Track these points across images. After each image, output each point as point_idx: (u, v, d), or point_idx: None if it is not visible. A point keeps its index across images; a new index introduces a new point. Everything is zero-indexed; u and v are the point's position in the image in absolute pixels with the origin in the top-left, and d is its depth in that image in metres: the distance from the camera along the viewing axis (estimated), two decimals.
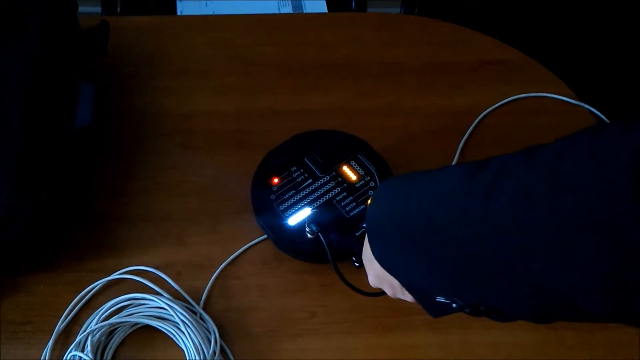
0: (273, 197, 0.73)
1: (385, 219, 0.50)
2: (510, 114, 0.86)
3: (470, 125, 0.83)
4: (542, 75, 0.90)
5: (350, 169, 0.75)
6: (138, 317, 0.67)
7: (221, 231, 0.75)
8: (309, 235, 0.69)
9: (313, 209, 0.72)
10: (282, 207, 0.72)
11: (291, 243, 0.70)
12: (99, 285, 0.70)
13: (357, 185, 0.74)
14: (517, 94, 0.87)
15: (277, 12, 1.18)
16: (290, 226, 0.71)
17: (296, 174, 0.74)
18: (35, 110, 0.70)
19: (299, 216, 0.71)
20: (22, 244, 0.66)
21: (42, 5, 0.77)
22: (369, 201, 0.53)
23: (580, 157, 0.37)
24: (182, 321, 0.66)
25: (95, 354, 0.65)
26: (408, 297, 0.53)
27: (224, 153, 0.81)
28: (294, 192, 0.73)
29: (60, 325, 0.67)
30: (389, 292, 0.56)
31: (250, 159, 0.79)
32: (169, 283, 0.69)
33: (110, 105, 0.84)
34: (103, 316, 0.67)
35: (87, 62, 0.82)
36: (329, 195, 0.73)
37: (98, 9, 1.20)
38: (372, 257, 0.52)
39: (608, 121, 0.84)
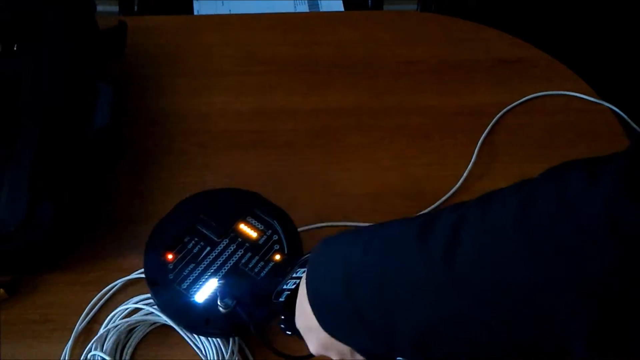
0: (171, 276, 0.65)
1: (330, 291, 0.46)
2: (529, 113, 0.85)
3: (489, 125, 0.83)
4: (561, 73, 0.89)
5: (248, 226, 0.68)
6: (157, 316, 0.67)
7: None
8: (222, 310, 0.63)
9: (220, 279, 0.65)
10: (184, 286, 0.65)
11: (204, 324, 0.63)
12: (119, 284, 0.70)
13: (260, 242, 0.67)
14: (536, 92, 0.86)
15: (293, 11, 1.18)
16: (198, 304, 0.64)
17: (191, 244, 0.67)
18: (54, 112, 0.71)
19: (205, 291, 0.65)
20: (42, 245, 0.67)
21: (60, 6, 0.78)
22: (305, 271, 0.49)
23: (549, 208, 0.35)
24: None
25: (114, 352, 0.66)
26: (359, 358, 0.50)
27: (241, 152, 0.81)
28: (193, 265, 0.66)
29: (80, 324, 0.68)
30: (335, 357, 0.52)
31: (267, 159, 0.80)
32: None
33: (128, 105, 0.84)
34: (122, 315, 0.68)
35: (105, 63, 0.83)
36: (232, 260, 0.66)
37: (115, 8, 1.21)
38: (313, 327, 0.49)
39: (629, 120, 0.83)
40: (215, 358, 0.65)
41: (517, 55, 0.90)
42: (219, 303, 0.62)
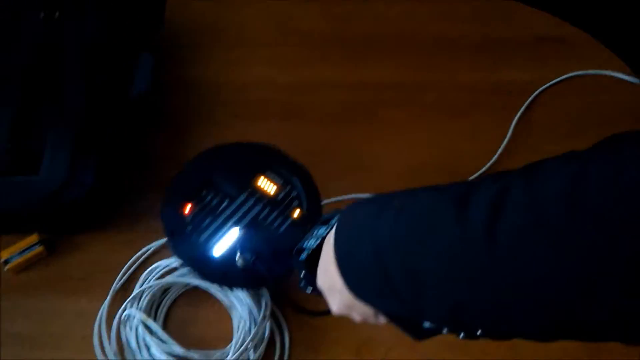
0: (190, 228, 0.65)
1: (359, 256, 0.45)
2: (566, 92, 0.84)
3: (525, 102, 0.82)
4: (600, 53, 0.88)
5: (267, 181, 0.67)
6: (191, 277, 0.69)
7: None
8: (240, 264, 0.63)
9: (238, 233, 0.64)
10: (202, 238, 0.64)
11: (222, 277, 0.64)
12: (155, 246, 0.72)
13: (278, 198, 0.67)
14: (575, 71, 0.85)
15: None
16: (216, 258, 0.64)
17: (209, 197, 0.66)
18: (96, 76, 0.72)
19: (223, 244, 0.64)
20: (83, 205, 0.69)
21: None
22: (334, 229, 0.48)
23: (604, 185, 0.34)
24: None
25: (149, 310, 0.68)
26: (382, 320, 0.50)
27: (276, 124, 0.82)
28: (211, 218, 0.65)
29: (117, 283, 0.70)
30: (357, 319, 0.52)
31: (302, 131, 0.81)
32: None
33: (167, 75, 0.86)
34: (157, 275, 0.70)
35: (146, 32, 0.84)
36: (251, 215, 0.65)
37: None
38: (336, 287, 0.48)
39: None
40: (247, 320, 0.67)
41: (556, 33, 0.89)
42: (237, 257, 0.62)
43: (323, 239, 0.52)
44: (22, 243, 0.70)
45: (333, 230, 0.48)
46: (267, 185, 0.67)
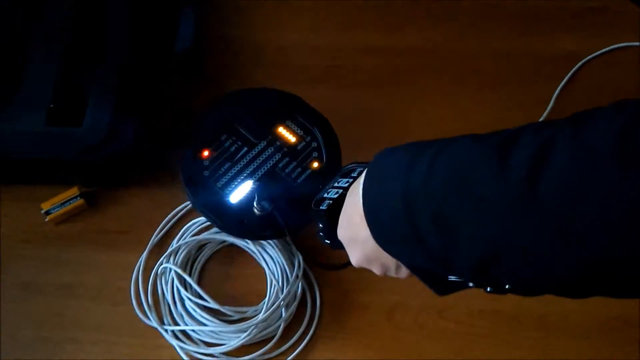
0: (207, 173, 0.64)
1: (388, 205, 0.43)
2: (611, 64, 0.82)
3: (569, 73, 0.81)
4: None
5: (287, 130, 0.66)
6: (227, 235, 0.70)
7: None
8: (257, 212, 0.62)
9: (255, 181, 0.64)
10: (219, 184, 0.63)
11: (239, 225, 0.63)
12: None
13: (298, 148, 0.65)
14: (622, 43, 0.83)
15: None
16: (233, 205, 0.63)
17: (228, 142, 0.65)
18: (139, 31, 0.73)
19: (240, 191, 0.63)
20: (124, 159, 0.70)
21: None
22: (362, 177, 0.46)
23: None
24: (269, 242, 0.69)
25: (185, 266, 0.69)
26: (403, 274, 0.49)
27: (316, 87, 0.82)
28: (229, 164, 0.64)
29: (155, 238, 0.71)
30: (378, 271, 0.51)
31: (340, 94, 0.81)
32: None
33: (208, 34, 0.86)
34: (194, 231, 0.71)
35: None
36: (269, 163, 0.65)
37: None
38: (359, 238, 0.47)
39: None
40: (280, 278, 0.67)
41: (602, 4, 0.87)
42: (255, 205, 0.61)
43: (344, 190, 0.52)
44: (63, 195, 0.72)
45: (360, 180, 0.47)
46: (287, 134, 0.66)
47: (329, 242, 0.55)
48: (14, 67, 0.73)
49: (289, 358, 0.66)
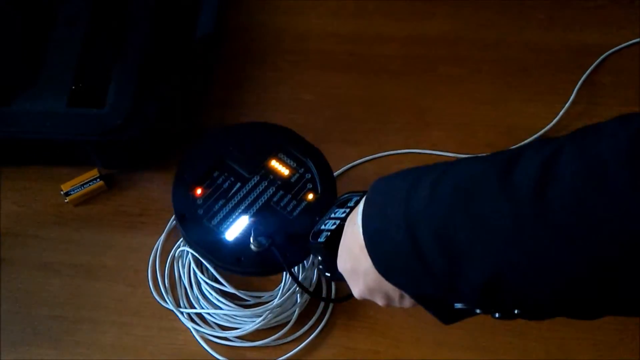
0: (201, 211, 0.62)
1: (389, 231, 0.42)
2: (635, 57, 0.81)
3: (592, 64, 0.80)
4: None
5: (280, 163, 0.65)
6: None
7: (326, 149, 0.76)
8: (254, 248, 0.60)
9: (251, 217, 0.62)
10: (214, 222, 0.62)
11: (236, 263, 0.61)
12: None
13: (292, 180, 0.64)
14: None
15: None
16: (229, 243, 0.61)
17: (220, 179, 0.63)
18: (161, 15, 0.73)
19: (236, 228, 0.62)
20: (143, 141, 0.70)
21: None
22: (360, 206, 0.45)
23: None
24: None
25: None
26: (407, 304, 0.48)
27: (335, 74, 0.82)
28: (223, 201, 0.63)
29: (172, 220, 0.72)
30: (381, 302, 0.49)
31: (360, 82, 0.81)
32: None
33: (230, 18, 0.86)
34: None
35: None
36: (264, 198, 0.63)
37: None
38: (360, 269, 0.46)
39: None
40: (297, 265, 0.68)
41: None
42: (251, 241, 0.60)
43: (342, 220, 0.51)
44: (82, 177, 0.73)
45: (358, 209, 0.46)
46: (280, 167, 0.65)
47: (329, 274, 0.54)
48: (37, 48, 0.73)
49: (303, 344, 0.66)
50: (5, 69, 0.74)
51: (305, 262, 0.67)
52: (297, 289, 0.66)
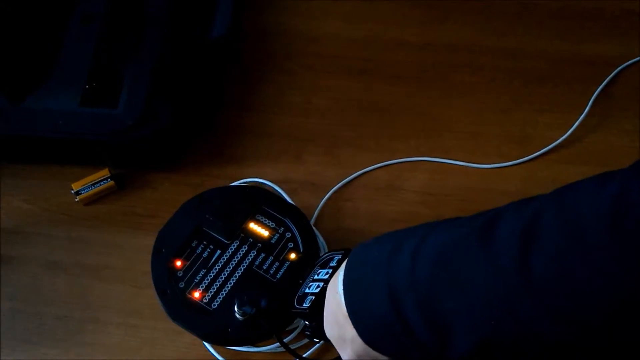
0: (182, 284, 0.61)
1: (372, 304, 0.41)
2: None
3: (608, 76, 0.79)
4: None
5: (258, 225, 0.64)
6: None
7: (338, 155, 0.76)
8: (240, 317, 0.59)
9: (234, 284, 0.61)
10: (196, 295, 0.61)
11: (224, 333, 0.59)
12: None
13: (272, 241, 0.63)
14: None
15: None
16: (214, 313, 0.60)
17: (199, 248, 0.63)
18: (176, 16, 0.73)
19: (220, 298, 0.61)
20: (155, 142, 0.70)
21: None
22: (341, 273, 0.45)
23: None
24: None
25: None
26: None
27: (347, 79, 0.82)
28: (204, 271, 0.62)
29: None
30: None
31: (373, 87, 0.80)
32: (285, 197, 0.72)
33: (245, 20, 0.86)
34: None
35: None
36: (246, 262, 0.62)
37: None
38: (347, 337, 0.46)
39: None
40: None
41: None
42: (236, 311, 0.59)
43: (325, 283, 0.50)
44: (93, 176, 0.72)
45: (339, 277, 0.45)
46: (259, 229, 0.64)
47: (317, 340, 0.54)
48: (51, 45, 0.73)
49: (311, 350, 0.65)
50: (19, 66, 0.74)
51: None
52: None
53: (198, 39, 0.73)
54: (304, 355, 0.62)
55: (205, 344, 0.65)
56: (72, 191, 0.72)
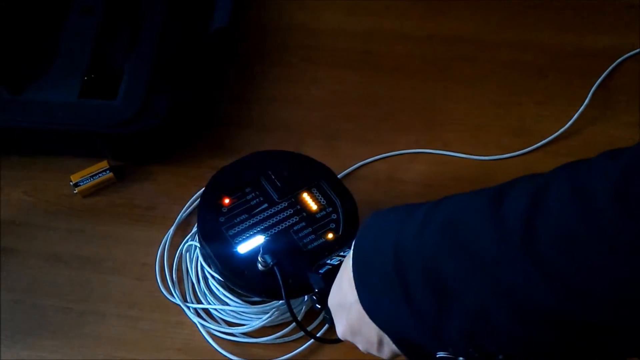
0: (222, 219, 0.63)
1: (376, 262, 0.41)
2: None
3: (607, 69, 0.79)
4: None
5: (311, 197, 0.65)
6: None
7: (338, 146, 0.76)
8: (260, 267, 0.61)
9: (267, 237, 0.63)
10: (231, 232, 0.63)
11: (240, 275, 0.61)
12: None
13: (317, 216, 0.64)
14: None
15: None
16: (239, 255, 0.62)
17: (250, 196, 0.65)
18: (175, 9, 0.73)
19: (250, 244, 0.62)
20: (155, 134, 0.70)
21: None
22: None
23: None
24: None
25: None
26: (386, 353, 0.46)
27: (347, 71, 0.82)
28: (246, 216, 0.64)
29: (181, 215, 0.71)
30: (361, 346, 0.48)
31: (373, 80, 0.80)
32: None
33: (244, 13, 0.86)
34: None
35: None
36: (285, 224, 0.64)
37: None
38: (346, 304, 0.46)
39: None
40: None
41: None
42: (259, 258, 0.61)
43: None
44: (92, 168, 0.72)
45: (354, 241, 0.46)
46: (310, 201, 0.65)
47: (319, 306, 0.54)
48: (50, 37, 0.73)
49: (310, 342, 0.66)
50: (18, 57, 0.74)
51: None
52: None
53: (198, 32, 0.73)
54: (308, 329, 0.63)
55: (205, 335, 0.65)
56: (71, 183, 0.72)
